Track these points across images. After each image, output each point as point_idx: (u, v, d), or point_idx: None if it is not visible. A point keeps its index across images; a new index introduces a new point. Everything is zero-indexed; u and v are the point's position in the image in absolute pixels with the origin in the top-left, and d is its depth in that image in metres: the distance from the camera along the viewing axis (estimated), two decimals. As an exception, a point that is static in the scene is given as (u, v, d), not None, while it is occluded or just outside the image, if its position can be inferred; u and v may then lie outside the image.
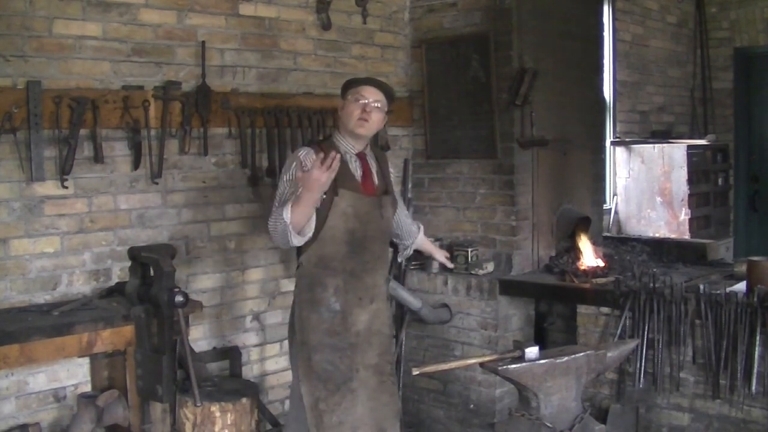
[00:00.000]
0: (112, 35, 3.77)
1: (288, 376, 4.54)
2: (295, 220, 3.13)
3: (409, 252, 4.01)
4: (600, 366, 3.30)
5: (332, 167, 3.05)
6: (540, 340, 4.71)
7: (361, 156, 3.43)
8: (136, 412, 3.46)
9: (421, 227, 4.00)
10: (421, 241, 3.99)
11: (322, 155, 3.10)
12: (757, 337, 3.60)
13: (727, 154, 7.07)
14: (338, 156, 3.10)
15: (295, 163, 3.25)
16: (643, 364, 3.94)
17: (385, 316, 3.54)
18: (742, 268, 4.02)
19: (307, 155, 3.28)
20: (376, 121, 3.38)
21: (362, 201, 3.35)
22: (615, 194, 6.50)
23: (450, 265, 4.39)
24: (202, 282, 4.19)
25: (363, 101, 3.34)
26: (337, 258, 3.32)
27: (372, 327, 3.43)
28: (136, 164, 3.86)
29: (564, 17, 4.97)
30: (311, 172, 3.04)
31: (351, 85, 3.43)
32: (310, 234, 3.24)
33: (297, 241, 3.20)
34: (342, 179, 3.28)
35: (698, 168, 6.45)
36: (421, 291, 4.83)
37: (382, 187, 3.50)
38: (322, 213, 3.26)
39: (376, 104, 3.36)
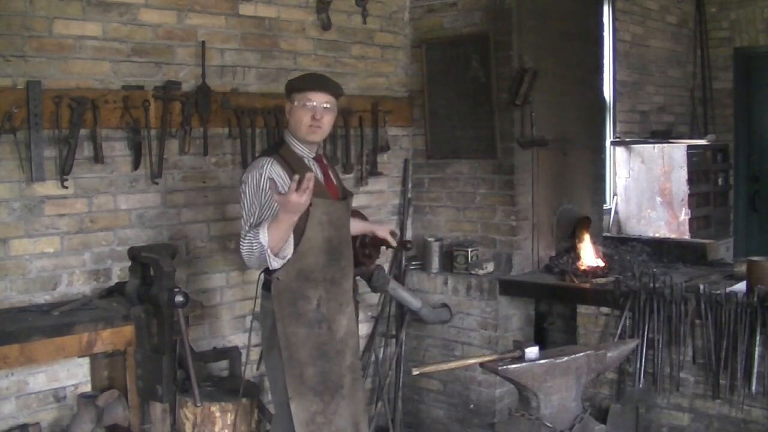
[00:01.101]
0: (112, 35, 3.77)
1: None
2: (273, 243, 3.01)
3: None
4: (600, 366, 3.30)
5: (309, 188, 2.89)
6: (540, 340, 4.71)
7: (318, 159, 3.35)
8: (136, 412, 3.45)
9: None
10: (357, 226, 3.66)
11: (297, 177, 2.91)
12: (757, 337, 3.60)
13: (727, 154, 7.06)
14: (313, 176, 2.93)
15: (260, 180, 3.11)
16: (643, 364, 3.94)
17: (355, 314, 3.47)
18: (742, 268, 4.02)
19: (272, 168, 3.14)
20: (327, 123, 3.26)
21: (334, 206, 3.27)
22: (615, 194, 6.50)
23: (393, 244, 3.83)
24: (202, 282, 4.19)
25: (311, 104, 3.19)
26: (317, 268, 3.21)
27: (350, 329, 3.38)
28: (136, 164, 3.86)
29: (564, 17, 4.97)
30: (290, 196, 2.88)
31: (295, 88, 3.24)
32: (289, 255, 3.12)
33: (276, 263, 3.08)
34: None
35: (698, 168, 6.45)
36: (421, 291, 4.83)
37: (341, 187, 3.44)
38: (300, 225, 3.11)
39: (325, 106, 3.22)
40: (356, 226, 3.65)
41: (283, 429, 3.28)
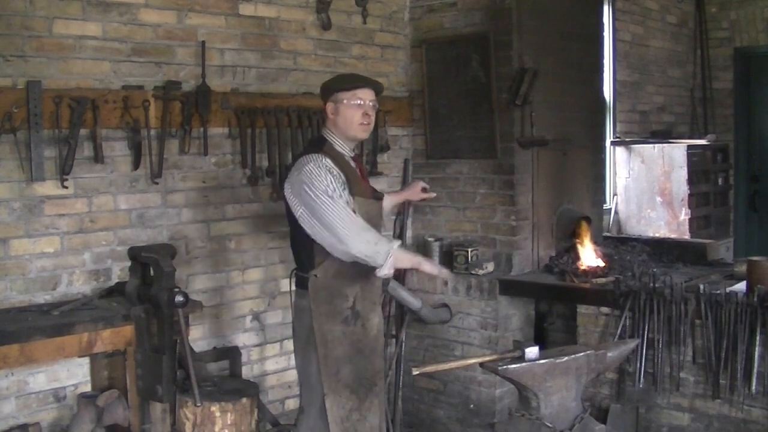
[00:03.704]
0: (112, 35, 3.77)
1: (288, 376, 4.56)
2: (393, 262, 3.06)
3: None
4: (600, 366, 3.30)
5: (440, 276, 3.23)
6: (540, 340, 4.71)
7: (355, 158, 3.39)
8: (136, 412, 3.45)
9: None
10: (392, 200, 3.79)
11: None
12: (757, 337, 3.60)
13: (727, 154, 7.06)
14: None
15: (325, 171, 3.10)
16: (643, 364, 3.93)
17: (382, 314, 3.57)
18: (742, 268, 4.02)
19: (325, 161, 3.13)
20: (373, 121, 3.35)
21: (372, 206, 3.33)
22: (615, 194, 6.50)
23: (432, 195, 3.95)
24: (202, 282, 4.18)
25: (361, 102, 3.25)
26: (355, 267, 3.24)
27: (380, 328, 3.45)
28: (136, 164, 3.86)
29: (564, 17, 4.97)
30: (441, 271, 3.20)
31: (344, 87, 3.28)
32: (381, 272, 3.14)
33: (382, 270, 3.09)
34: (354, 185, 3.23)
35: (698, 168, 6.45)
36: (421, 291, 4.83)
37: (371, 187, 3.47)
38: None
39: (371, 103, 3.30)
40: (391, 201, 3.76)
41: (310, 427, 3.31)
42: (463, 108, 4.85)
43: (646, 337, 3.92)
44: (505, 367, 3.08)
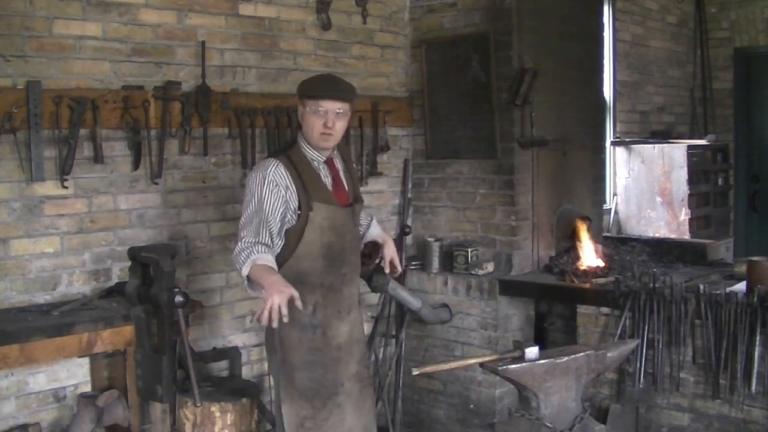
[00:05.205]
0: (112, 35, 3.77)
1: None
2: (252, 278, 3.02)
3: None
4: (600, 366, 3.30)
5: (275, 307, 2.85)
6: (540, 340, 4.71)
7: (329, 162, 3.28)
8: (136, 412, 3.46)
9: (373, 217, 3.65)
10: (374, 232, 3.56)
11: (299, 302, 2.91)
12: (757, 337, 3.60)
13: (727, 154, 7.06)
14: (290, 301, 2.88)
15: (264, 183, 3.09)
16: (643, 364, 3.94)
17: (361, 322, 3.45)
18: (742, 268, 4.02)
19: (276, 170, 3.10)
20: (340, 129, 3.18)
21: (337, 213, 3.21)
22: (615, 194, 6.50)
23: (397, 271, 3.58)
24: (202, 282, 4.18)
25: (323, 111, 3.11)
26: (314, 273, 3.18)
27: (352, 337, 3.34)
28: (136, 164, 3.86)
29: (564, 17, 4.97)
30: (282, 293, 2.86)
31: (307, 94, 3.17)
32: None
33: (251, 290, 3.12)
34: (315, 192, 3.14)
35: (698, 168, 6.45)
36: (421, 291, 4.83)
37: (353, 192, 3.36)
38: (298, 228, 3.12)
39: (337, 112, 3.14)
40: (375, 235, 3.56)
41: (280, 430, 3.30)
42: (463, 108, 4.85)
43: (646, 337, 3.93)
44: (505, 367, 3.08)
